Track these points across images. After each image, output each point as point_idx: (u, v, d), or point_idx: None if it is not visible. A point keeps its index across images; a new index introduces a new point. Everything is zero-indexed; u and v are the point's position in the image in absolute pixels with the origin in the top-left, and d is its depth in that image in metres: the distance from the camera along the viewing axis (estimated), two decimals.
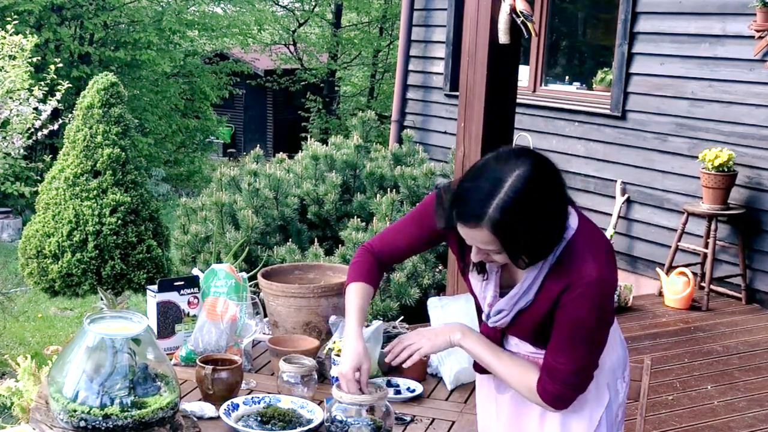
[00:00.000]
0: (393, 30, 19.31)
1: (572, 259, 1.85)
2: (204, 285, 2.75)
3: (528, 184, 1.75)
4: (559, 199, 1.82)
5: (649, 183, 6.47)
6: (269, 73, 20.94)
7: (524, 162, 1.78)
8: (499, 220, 1.75)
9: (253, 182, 6.16)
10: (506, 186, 1.75)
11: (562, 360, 1.89)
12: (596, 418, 2.00)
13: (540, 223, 1.77)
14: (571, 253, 1.85)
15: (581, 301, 1.83)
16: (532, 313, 1.93)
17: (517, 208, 1.74)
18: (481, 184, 1.78)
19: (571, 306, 1.85)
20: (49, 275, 6.36)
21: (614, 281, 1.88)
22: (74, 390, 2.07)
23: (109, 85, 6.50)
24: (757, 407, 4.24)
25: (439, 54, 8.33)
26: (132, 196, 6.42)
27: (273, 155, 7.40)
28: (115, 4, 15.09)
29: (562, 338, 1.89)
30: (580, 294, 1.83)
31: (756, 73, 5.82)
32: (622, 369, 2.07)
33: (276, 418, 2.26)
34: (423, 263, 5.64)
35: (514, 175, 1.76)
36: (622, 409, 2.08)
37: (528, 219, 1.76)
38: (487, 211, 1.75)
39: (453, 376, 2.61)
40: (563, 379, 1.90)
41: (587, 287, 1.83)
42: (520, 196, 1.74)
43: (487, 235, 1.78)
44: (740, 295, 5.90)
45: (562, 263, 1.86)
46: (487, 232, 1.78)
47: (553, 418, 2.02)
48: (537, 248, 1.82)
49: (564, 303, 1.86)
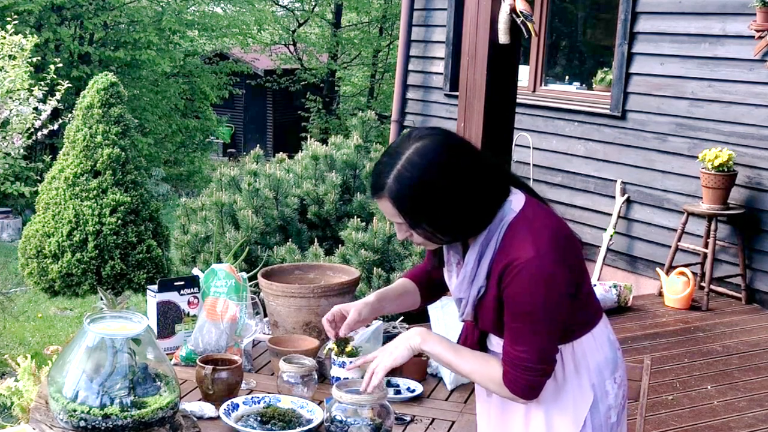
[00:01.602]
0: (393, 30, 19.31)
1: (511, 242, 1.87)
2: (204, 285, 2.75)
3: (423, 156, 1.85)
4: (466, 176, 1.86)
5: (649, 183, 6.47)
6: (269, 73, 20.94)
7: (426, 137, 1.89)
8: (394, 189, 1.86)
9: (253, 182, 6.16)
10: (403, 158, 1.86)
11: (520, 348, 1.88)
12: (581, 418, 1.98)
13: (439, 195, 1.84)
14: (512, 236, 1.88)
15: (519, 282, 1.84)
16: (488, 301, 1.93)
17: (411, 177, 1.84)
18: (384, 158, 1.91)
19: (511, 289, 1.86)
20: (49, 275, 6.36)
21: (556, 260, 1.85)
22: (74, 390, 2.07)
23: (108, 85, 6.50)
24: (757, 407, 4.24)
25: (439, 54, 8.33)
26: (132, 196, 6.42)
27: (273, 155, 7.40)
28: (115, 4, 15.10)
29: (513, 325, 1.89)
30: (516, 275, 1.84)
31: (756, 73, 5.82)
32: (611, 370, 2.03)
33: (276, 418, 2.26)
34: None
35: (412, 148, 1.87)
36: (615, 412, 2.04)
37: (424, 190, 1.84)
38: (386, 181, 1.87)
39: (453, 376, 2.61)
40: (526, 366, 1.88)
41: (523, 267, 1.83)
42: (414, 166, 1.84)
43: (389, 207, 1.89)
44: (740, 295, 5.90)
45: (503, 247, 1.88)
46: (388, 202, 1.88)
47: (537, 418, 2.00)
48: (444, 222, 1.87)
49: (504, 287, 1.87)
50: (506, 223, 1.90)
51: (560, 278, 1.86)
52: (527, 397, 1.92)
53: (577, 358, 1.99)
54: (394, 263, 5.71)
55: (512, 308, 1.88)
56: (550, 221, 1.93)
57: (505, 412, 2.06)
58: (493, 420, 2.11)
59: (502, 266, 1.87)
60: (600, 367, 1.99)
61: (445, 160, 1.86)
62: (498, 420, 2.09)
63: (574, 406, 1.98)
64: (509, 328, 1.90)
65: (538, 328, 1.87)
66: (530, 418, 2.02)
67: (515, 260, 1.85)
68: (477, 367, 1.97)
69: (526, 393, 1.91)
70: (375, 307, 2.20)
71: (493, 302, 1.92)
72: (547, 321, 1.87)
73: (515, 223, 1.89)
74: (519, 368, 1.89)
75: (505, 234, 1.89)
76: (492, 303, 1.93)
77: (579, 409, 1.98)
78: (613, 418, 2.03)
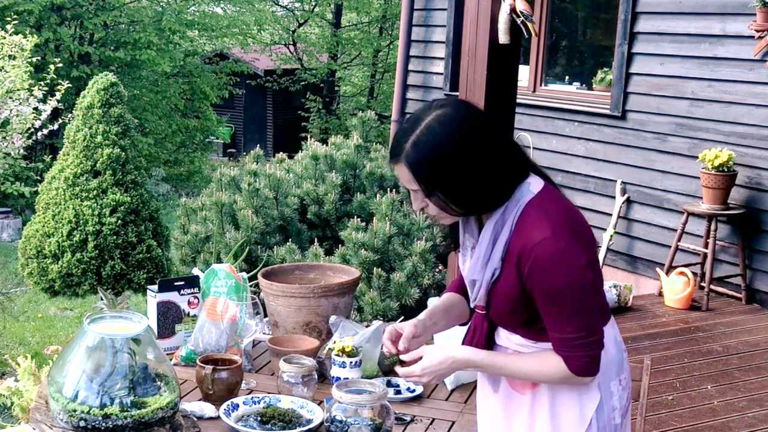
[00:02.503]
0: (393, 30, 19.31)
1: (527, 223, 1.88)
2: (204, 285, 2.75)
3: (443, 123, 1.86)
4: (484, 148, 1.87)
5: (649, 183, 6.47)
6: (269, 73, 20.95)
7: (447, 106, 1.90)
8: (411, 155, 1.87)
9: (253, 182, 6.16)
10: (423, 124, 1.88)
11: (568, 329, 1.88)
12: (587, 418, 1.97)
13: (455, 164, 1.85)
14: (528, 217, 1.88)
15: (540, 268, 1.84)
16: (504, 284, 1.92)
17: (429, 143, 1.85)
18: (405, 124, 1.92)
19: (534, 276, 1.86)
20: (49, 275, 6.36)
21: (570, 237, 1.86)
22: (74, 390, 2.07)
23: (109, 85, 6.50)
24: (757, 407, 4.24)
25: (439, 54, 8.33)
26: (132, 196, 6.42)
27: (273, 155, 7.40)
28: (115, 4, 15.10)
29: (551, 310, 1.88)
30: (534, 260, 1.84)
31: (756, 73, 5.82)
32: (616, 371, 2.03)
33: (276, 418, 2.26)
34: (423, 263, 5.65)
35: (432, 115, 1.88)
36: (619, 414, 2.03)
37: (441, 157, 1.85)
38: (404, 147, 1.88)
39: (453, 376, 2.61)
40: (583, 344, 1.88)
41: (539, 250, 1.84)
42: (433, 133, 1.86)
43: (405, 172, 1.89)
44: (740, 295, 5.90)
45: (519, 229, 1.88)
46: (405, 168, 1.88)
47: (542, 416, 1.99)
48: (458, 193, 1.87)
49: (527, 276, 1.87)
50: (523, 203, 1.90)
51: (578, 252, 1.86)
52: (593, 373, 1.92)
53: None
54: (394, 263, 5.71)
55: (543, 295, 1.87)
56: (567, 207, 1.94)
57: (510, 409, 2.05)
58: (498, 418, 2.09)
59: (519, 249, 1.87)
60: (605, 367, 1.98)
61: (465, 130, 1.86)
62: (502, 417, 2.07)
63: (580, 404, 1.97)
64: (549, 315, 1.89)
65: (576, 305, 1.87)
66: (535, 417, 2.00)
67: (527, 245, 1.85)
68: (537, 368, 1.95)
69: (591, 369, 1.91)
70: (427, 324, 2.16)
71: (510, 288, 1.91)
72: (580, 294, 1.87)
73: (532, 205, 1.89)
74: (577, 348, 1.89)
75: (522, 214, 1.89)
76: (508, 288, 1.92)
77: (585, 409, 1.97)
78: (617, 419, 2.02)
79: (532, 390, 2.00)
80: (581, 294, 1.87)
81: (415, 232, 5.86)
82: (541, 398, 1.99)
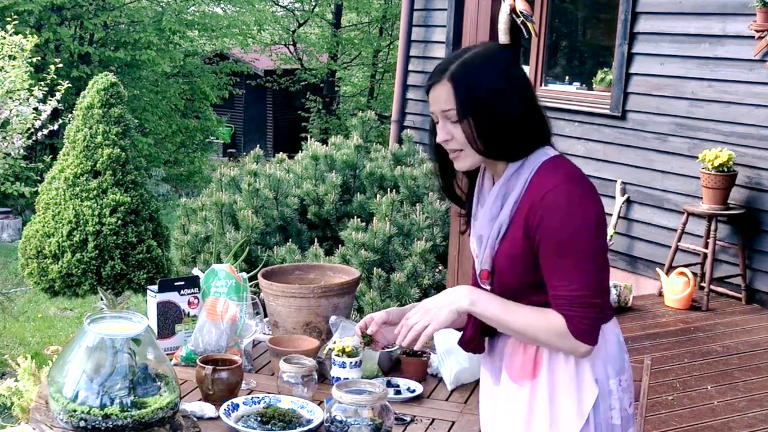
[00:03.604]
0: (393, 30, 19.31)
1: (540, 180, 1.89)
2: (204, 285, 2.75)
3: (493, 55, 1.94)
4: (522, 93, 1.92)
5: (648, 183, 6.47)
6: (269, 73, 20.95)
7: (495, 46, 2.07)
8: (457, 72, 1.91)
9: (253, 182, 6.16)
10: (473, 51, 1.96)
11: (573, 285, 1.86)
12: (585, 412, 1.94)
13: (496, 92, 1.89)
14: (541, 176, 1.90)
15: (553, 211, 1.84)
16: (509, 242, 1.91)
17: (478, 66, 1.91)
18: (450, 55, 1.99)
19: (546, 222, 1.85)
20: (49, 275, 6.36)
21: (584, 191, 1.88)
22: (74, 390, 2.07)
23: (109, 85, 6.50)
24: (757, 407, 4.24)
25: (439, 54, 8.32)
26: (132, 196, 6.42)
27: (273, 155, 7.40)
28: (115, 4, 15.10)
29: (559, 263, 1.86)
30: (546, 206, 1.85)
31: (756, 73, 5.82)
32: (617, 370, 2.00)
33: (276, 419, 2.26)
34: (423, 263, 5.65)
35: (483, 47, 1.98)
36: (618, 414, 2.00)
37: (485, 81, 1.89)
38: (451, 66, 1.92)
39: (453, 376, 2.61)
40: (586, 303, 1.86)
41: (551, 195, 1.85)
42: (483, 59, 1.92)
43: (445, 91, 1.91)
44: (740, 295, 5.90)
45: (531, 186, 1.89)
46: (446, 86, 1.91)
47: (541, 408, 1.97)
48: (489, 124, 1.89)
49: (537, 224, 1.86)
50: (538, 163, 1.92)
51: (590, 204, 1.87)
52: (591, 340, 1.88)
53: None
54: (394, 263, 5.71)
55: (552, 244, 1.85)
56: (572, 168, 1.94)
57: (510, 401, 2.02)
58: (499, 410, 2.06)
59: (530, 201, 1.87)
60: (605, 363, 1.97)
61: (511, 71, 1.93)
62: (504, 411, 2.05)
63: (578, 397, 1.95)
64: (555, 270, 1.87)
65: (584, 258, 1.85)
66: (534, 409, 1.98)
67: (543, 189, 1.86)
68: (533, 320, 1.90)
69: (590, 335, 1.88)
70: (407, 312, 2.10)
71: (515, 245, 1.90)
72: (590, 248, 1.85)
73: (546, 165, 1.91)
74: (579, 307, 1.86)
75: (536, 173, 1.90)
76: (513, 246, 1.90)
77: (583, 402, 1.95)
78: (616, 420, 1.99)
79: (531, 381, 1.98)
80: (591, 247, 1.86)
81: (415, 233, 5.86)
82: (541, 389, 1.97)
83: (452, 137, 1.94)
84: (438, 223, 5.96)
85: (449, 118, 1.92)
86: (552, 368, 1.96)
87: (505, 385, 2.04)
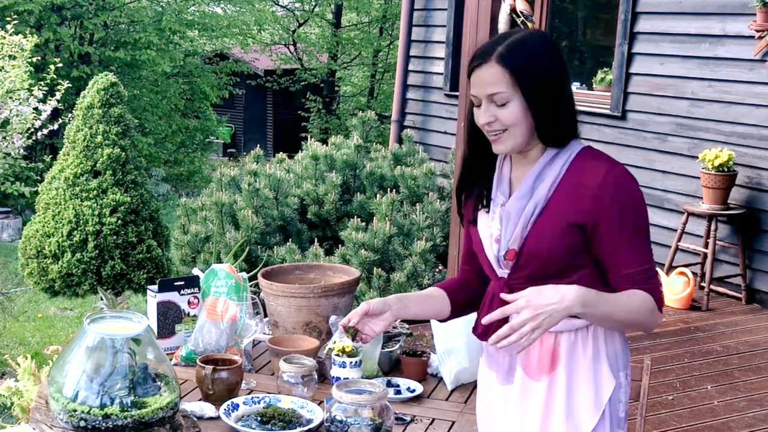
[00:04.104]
0: (393, 30, 19.31)
1: (583, 165, 1.91)
2: (204, 285, 2.75)
3: (536, 39, 1.92)
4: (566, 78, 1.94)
5: (649, 183, 6.47)
6: (269, 73, 20.94)
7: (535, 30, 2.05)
8: (505, 53, 1.88)
9: (253, 182, 6.17)
10: (517, 35, 1.93)
11: (642, 258, 1.90)
12: (602, 404, 1.94)
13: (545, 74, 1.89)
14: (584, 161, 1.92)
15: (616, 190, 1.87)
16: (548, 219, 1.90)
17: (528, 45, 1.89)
18: (495, 38, 1.97)
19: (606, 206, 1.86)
20: (49, 275, 6.36)
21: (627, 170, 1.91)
22: (74, 390, 2.07)
23: (109, 85, 6.50)
24: (757, 407, 4.24)
25: (439, 54, 8.33)
26: (132, 196, 6.42)
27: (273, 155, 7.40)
28: (115, 4, 15.10)
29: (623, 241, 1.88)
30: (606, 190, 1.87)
31: (756, 73, 5.82)
32: (624, 363, 2.02)
33: (276, 418, 2.26)
34: (423, 263, 5.65)
35: (524, 32, 1.95)
36: (623, 408, 2.02)
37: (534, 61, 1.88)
38: (497, 48, 1.90)
39: (453, 376, 2.61)
40: (654, 273, 1.91)
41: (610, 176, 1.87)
42: (528, 41, 1.90)
43: (493, 73, 1.88)
44: (740, 295, 5.89)
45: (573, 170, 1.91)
46: (495, 67, 1.88)
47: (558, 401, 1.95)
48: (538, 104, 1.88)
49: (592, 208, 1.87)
50: (576, 150, 1.94)
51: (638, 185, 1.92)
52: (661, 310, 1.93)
53: (598, 343, 1.96)
54: (394, 263, 5.71)
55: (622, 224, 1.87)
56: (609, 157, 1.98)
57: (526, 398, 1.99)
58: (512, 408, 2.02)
59: (575, 186, 1.89)
60: (618, 355, 1.99)
61: (557, 55, 1.94)
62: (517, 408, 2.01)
63: (596, 389, 1.94)
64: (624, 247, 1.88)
65: (647, 233, 1.91)
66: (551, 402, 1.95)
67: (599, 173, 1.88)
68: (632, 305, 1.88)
69: (663, 304, 1.93)
70: (390, 303, 2.05)
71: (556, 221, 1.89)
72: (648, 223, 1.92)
73: (585, 152, 1.94)
74: (654, 279, 1.90)
75: (576, 157, 1.93)
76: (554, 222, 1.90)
77: (601, 394, 1.94)
78: (621, 413, 2.01)
79: (549, 375, 1.96)
80: (648, 222, 1.92)
81: (415, 232, 5.86)
82: (559, 382, 1.95)
83: (495, 119, 1.92)
84: (438, 223, 5.97)
85: (495, 102, 1.90)
86: (571, 360, 1.95)
87: (521, 382, 2.00)
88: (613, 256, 1.90)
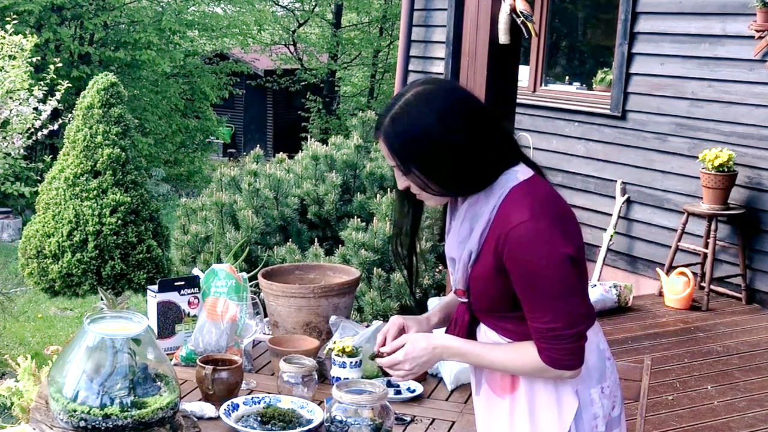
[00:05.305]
0: (393, 30, 19.31)
1: (509, 208, 1.84)
2: (204, 285, 2.75)
3: (421, 99, 1.83)
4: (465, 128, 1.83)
5: (649, 183, 6.47)
6: (269, 73, 20.96)
7: (431, 84, 1.87)
8: (389, 130, 1.85)
9: (253, 182, 6.16)
10: (402, 100, 1.86)
11: (545, 318, 1.81)
12: (566, 424, 1.92)
13: (433, 141, 1.82)
14: (511, 203, 1.84)
15: (518, 246, 1.79)
16: (481, 267, 1.88)
17: (405, 118, 1.83)
18: (390, 101, 1.90)
19: (511, 256, 1.81)
20: (49, 275, 6.36)
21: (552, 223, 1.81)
22: (74, 390, 2.07)
23: (109, 85, 6.50)
24: (757, 407, 4.24)
25: (439, 54, 8.32)
26: (132, 196, 6.42)
27: (273, 155, 7.40)
28: (115, 4, 15.11)
29: (529, 297, 1.83)
30: (513, 242, 1.80)
31: (756, 73, 5.82)
32: (597, 378, 1.97)
33: (276, 419, 2.26)
34: (423, 263, 5.65)
35: (413, 92, 1.86)
36: (603, 422, 1.97)
37: (417, 133, 1.82)
38: (383, 121, 1.87)
39: (453, 376, 2.61)
40: (558, 335, 1.82)
41: (516, 232, 1.79)
42: (411, 108, 1.83)
43: (384, 147, 1.87)
44: (740, 295, 5.89)
45: (501, 214, 1.84)
46: (383, 143, 1.87)
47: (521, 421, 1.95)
48: (436, 172, 1.84)
49: (505, 258, 1.82)
50: (507, 189, 1.86)
51: (558, 239, 1.80)
52: (570, 366, 1.85)
53: None
54: (394, 263, 5.71)
55: (520, 278, 1.82)
56: (553, 195, 1.89)
57: (491, 413, 2.02)
58: (481, 420, 2.07)
59: (498, 233, 1.83)
60: (584, 374, 1.92)
61: (445, 108, 1.83)
62: (483, 419, 2.05)
63: (558, 410, 1.93)
64: (527, 302, 1.84)
65: (554, 292, 1.80)
66: (515, 421, 1.97)
67: (507, 226, 1.81)
68: (510, 353, 1.90)
69: (568, 363, 1.85)
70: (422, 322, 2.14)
71: (487, 271, 1.87)
72: (558, 280, 1.80)
73: (516, 191, 1.85)
74: (551, 340, 1.82)
75: (505, 200, 1.85)
76: (486, 272, 1.87)
77: (564, 414, 1.93)
78: (601, 427, 1.97)
79: (511, 394, 1.96)
80: (560, 280, 1.80)
81: None
82: (520, 403, 1.95)
83: (409, 185, 1.92)
84: (438, 223, 5.96)
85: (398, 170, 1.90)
86: (530, 383, 1.94)
87: (486, 396, 2.03)
88: (523, 307, 1.87)
